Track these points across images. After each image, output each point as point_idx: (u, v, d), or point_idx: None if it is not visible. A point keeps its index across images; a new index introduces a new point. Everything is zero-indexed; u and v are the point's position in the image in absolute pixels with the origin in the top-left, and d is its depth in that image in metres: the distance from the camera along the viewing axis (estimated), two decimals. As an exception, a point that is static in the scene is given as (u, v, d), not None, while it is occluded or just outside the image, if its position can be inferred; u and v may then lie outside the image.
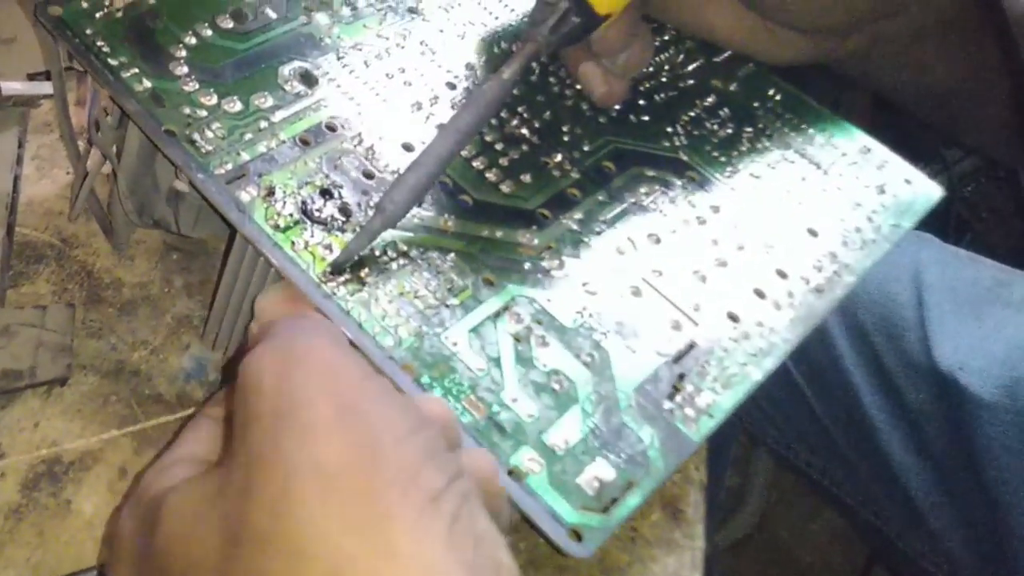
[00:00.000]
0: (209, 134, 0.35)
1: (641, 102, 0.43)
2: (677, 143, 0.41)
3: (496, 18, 0.43)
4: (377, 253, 0.34)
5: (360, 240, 0.33)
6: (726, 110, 0.43)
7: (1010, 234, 0.74)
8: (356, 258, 0.33)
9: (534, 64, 0.42)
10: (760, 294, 0.37)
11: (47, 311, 0.41)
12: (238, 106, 0.36)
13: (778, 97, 0.45)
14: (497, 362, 0.32)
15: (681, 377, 0.34)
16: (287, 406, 0.26)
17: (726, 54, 0.46)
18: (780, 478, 1.06)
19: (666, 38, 0.45)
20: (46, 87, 0.46)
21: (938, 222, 0.44)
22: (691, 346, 0.35)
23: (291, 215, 0.34)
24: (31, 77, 0.48)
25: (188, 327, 0.42)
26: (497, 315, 0.33)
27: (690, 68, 0.45)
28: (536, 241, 0.36)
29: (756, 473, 1.05)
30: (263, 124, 0.36)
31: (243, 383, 0.27)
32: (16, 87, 0.45)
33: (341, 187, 0.35)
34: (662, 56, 0.45)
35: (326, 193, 0.35)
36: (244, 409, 0.27)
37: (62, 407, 0.40)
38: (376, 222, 0.33)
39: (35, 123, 0.48)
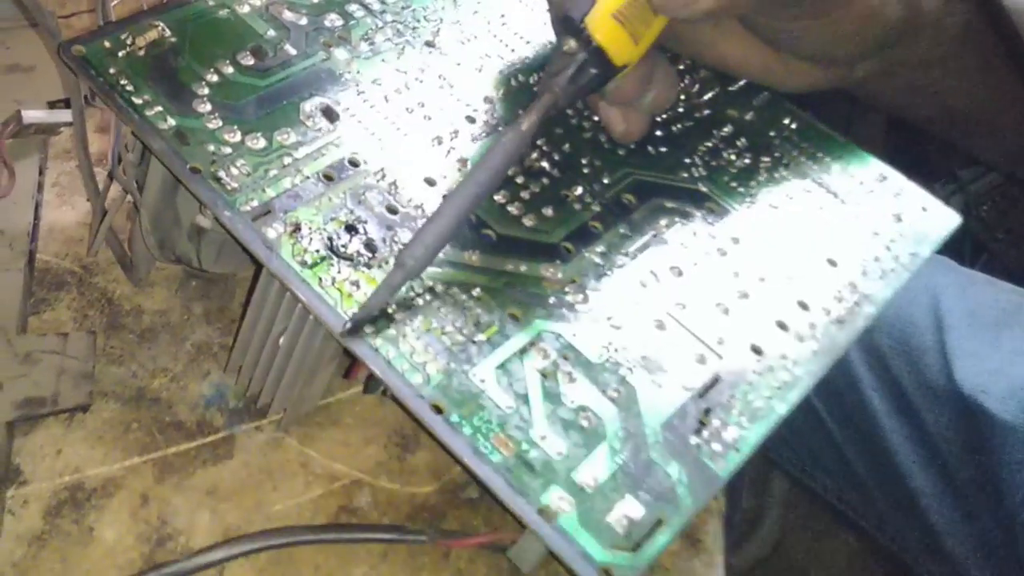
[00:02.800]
0: (234, 171, 0.35)
1: (658, 133, 0.43)
2: (696, 174, 0.42)
3: (512, 50, 0.44)
4: (402, 288, 0.34)
5: (379, 295, 0.33)
6: (743, 140, 0.44)
7: (1026, 254, 0.74)
8: (376, 314, 0.33)
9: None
10: (783, 326, 0.37)
11: (69, 338, 0.41)
12: (262, 143, 0.36)
13: (794, 126, 0.45)
14: (525, 399, 0.32)
15: (707, 412, 0.34)
16: None
17: (741, 83, 0.46)
18: (797, 500, 1.06)
19: (680, 67, 0.46)
20: (66, 115, 0.46)
21: (954, 243, 0.44)
22: (716, 380, 0.35)
23: (317, 251, 0.34)
24: (51, 105, 0.48)
25: (208, 354, 0.43)
26: (524, 351, 0.34)
27: (705, 98, 0.45)
28: (560, 275, 0.36)
29: (773, 495, 1.04)
30: (287, 160, 0.36)
31: None
32: (37, 115, 0.46)
33: (366, 222, 0.35)
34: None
35: (351, 229, 0.35)
36: None
37: (84, 434, 0.40)
38: (396, 277, 0.33)
39: (55, 150, 0.49)
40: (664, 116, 0.44)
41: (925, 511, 0.55)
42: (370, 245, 0.35)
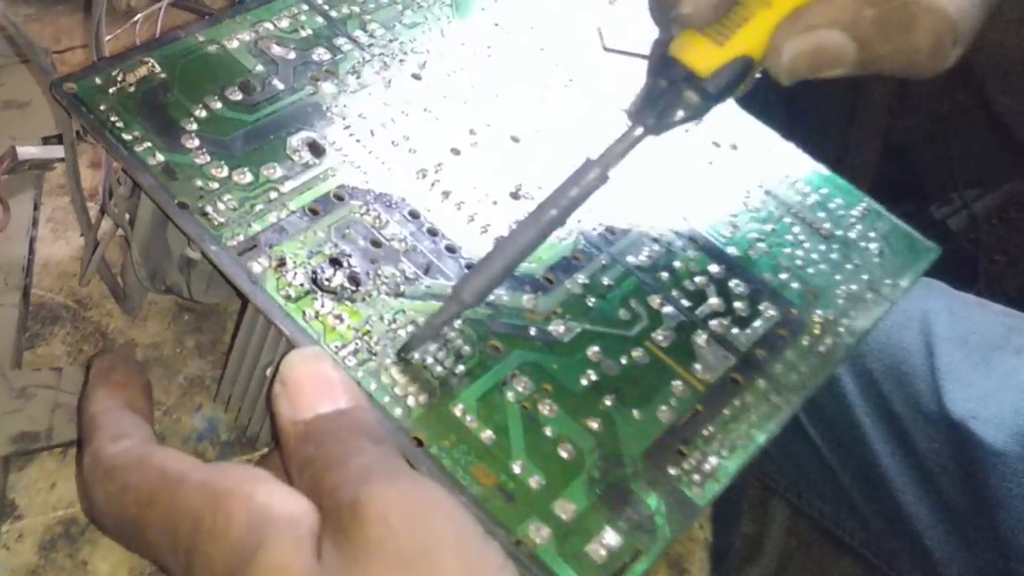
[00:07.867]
0: (221, 206, 0.36)
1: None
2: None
3: (500, 83, 0.44)
4: (385, 322, 0.34)
5: (432, 327, 0.33)
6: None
7: (1022, 276, 0.74)
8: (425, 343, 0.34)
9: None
10: (762, 356, 0.37)
11: (63, 373, 0.41)
12: (248, 177, 0.37)
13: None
14: (505, 430, 0.33)
15: (686, 442, 0.34)
16: (417, 553, 0.26)
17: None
18: (798, 525, 1.06)
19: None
20: (60, 151, 0.46)
21: (950, 265, 0.44)
22: (695, 410, 0.35)
23: (302, 285, 0.34)
24: (45, 140, 0.49)
25: (200, 388, 0.43)
26: (504, 383, 0.34)
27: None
28: (541, 307, 0.37)
29: (774, 520, 1.04)
30: (273, 195, 0.37)
31: (366, 514, 0.27)
32: (31, 151, 0.46)
33: (350, 256, 0.36)
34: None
35: (335, 263, 0.35)
36: (363, 538, 0.26)
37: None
38: (452, 309, 0.33)
39: (50, 185, 0.49)
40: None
41: (920, 536, 0.55)
42: (354, 278, 0.35)
